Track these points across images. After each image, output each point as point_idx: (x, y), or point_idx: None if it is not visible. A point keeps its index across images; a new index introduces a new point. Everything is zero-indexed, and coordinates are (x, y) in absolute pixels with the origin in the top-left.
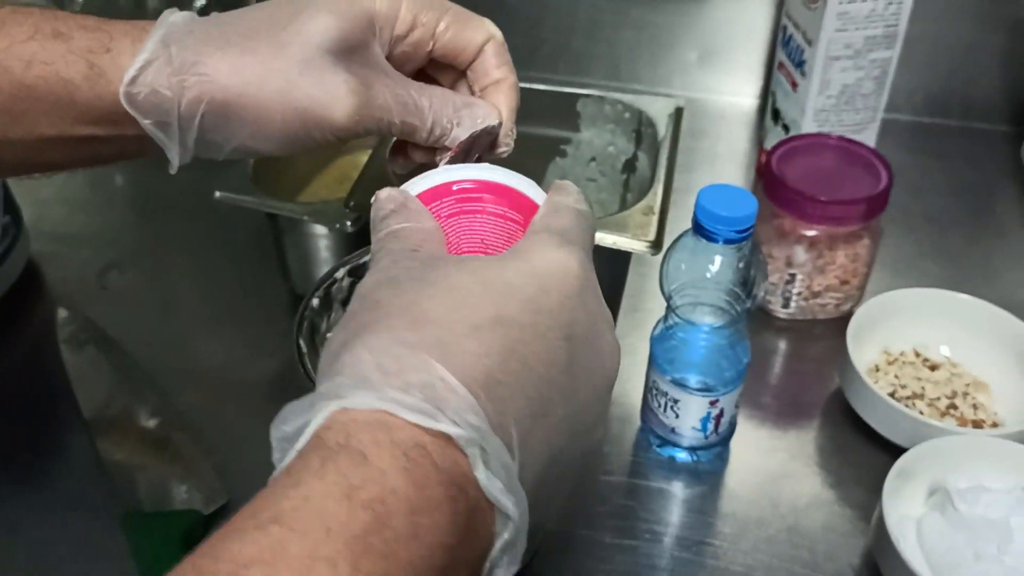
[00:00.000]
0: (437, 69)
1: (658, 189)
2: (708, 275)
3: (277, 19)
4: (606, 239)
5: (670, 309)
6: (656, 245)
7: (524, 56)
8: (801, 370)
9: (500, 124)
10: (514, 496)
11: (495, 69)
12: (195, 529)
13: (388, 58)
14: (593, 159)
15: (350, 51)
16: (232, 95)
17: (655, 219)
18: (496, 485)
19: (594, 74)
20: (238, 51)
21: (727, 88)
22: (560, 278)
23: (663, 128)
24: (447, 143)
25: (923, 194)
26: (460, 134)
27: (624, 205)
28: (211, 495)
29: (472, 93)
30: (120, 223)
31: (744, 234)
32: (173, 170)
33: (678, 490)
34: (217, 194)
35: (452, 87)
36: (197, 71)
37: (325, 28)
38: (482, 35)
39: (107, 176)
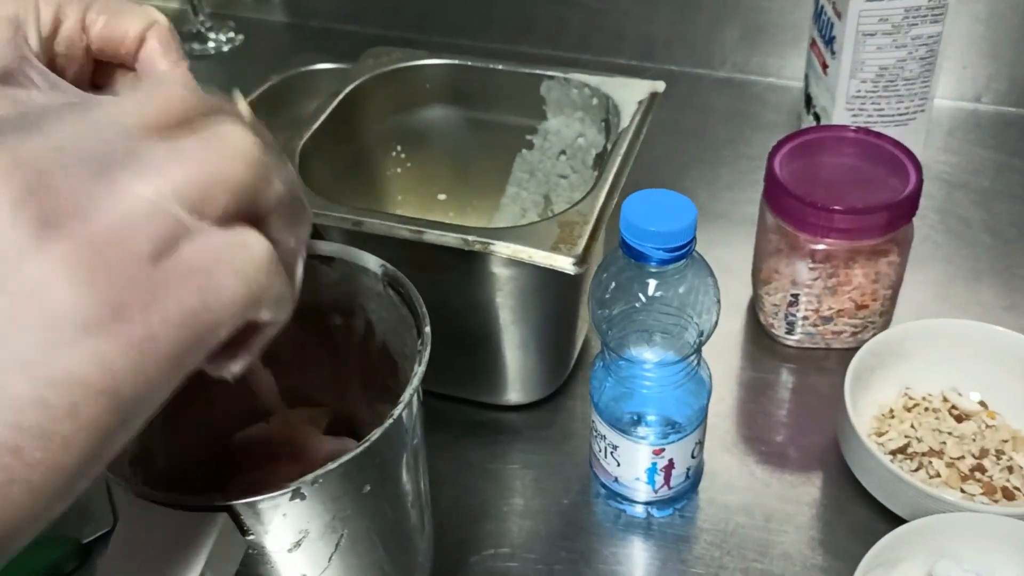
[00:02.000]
0: (108, 75)
1: (601, 191)
2: (638, 303)
3: None
4: (520, 253)
5: (603, 342)
6: (583, 261)
7: (549, 36)
8: (803, 409)
9: None
10: None
11: (160, 58)
12: (68, 559)
13: (52, 69)
14: (563, 152)
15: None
16: None
17: (588, 229)
18: None
19: (625, 54)
20: None
21: (772, 69)
22: None
23: (628, 116)
24: None
25: (993, 201)
26: None
27: None
28: (93, 519)
29: None
30: None
31: (680, 253)
32: None
33: (627, 553)
34: None
35: None
36: None
37: None
38: (140, 22)
39: None
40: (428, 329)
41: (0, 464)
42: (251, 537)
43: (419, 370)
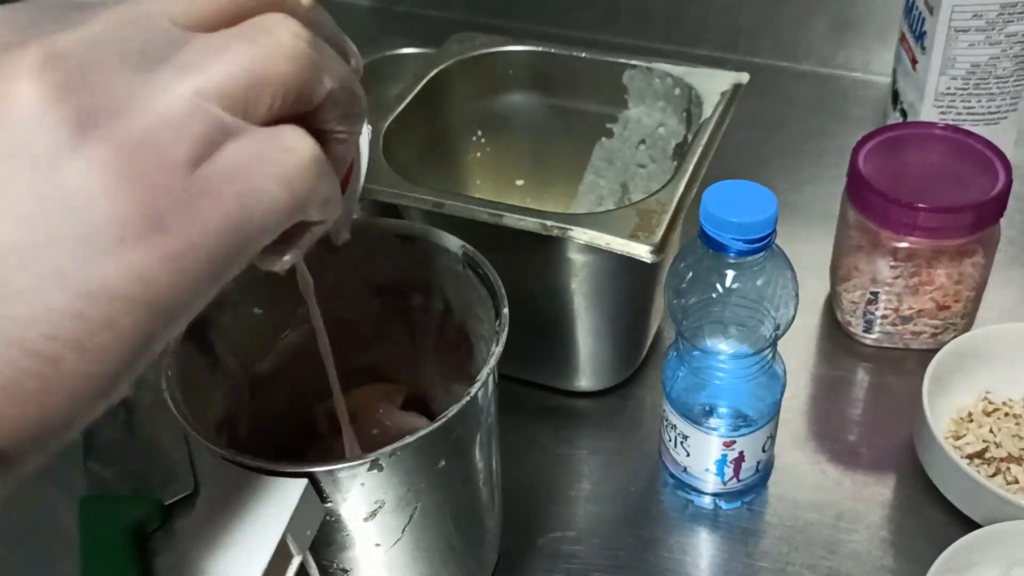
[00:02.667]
0: None
1: (681, 180)
2: (715, 294)
3: None
4: (598, 239)
5: (678, 332)
6: (660, 250)
7: (633, 25)
8: (878, 409)
9: None
10: None
11: None
12: (150, 519)
13: None
14: (643, 141)
15: None
16: None
17: (667, 218)
18: None
19: (709, 45)
20: None
21: (858, 64)
22: None
23: (710, 107)
24: None
25: None
26: None
27: None
28: (175, 481)
29: None
30: None
31: (759, 244)
32: None
33: (692, 544)
34: None
35: None
36: None
37: None
38: None
39: None
40: (506, 310)
41: (36, 374)
42: (329, 504)
43: (496, 350)
